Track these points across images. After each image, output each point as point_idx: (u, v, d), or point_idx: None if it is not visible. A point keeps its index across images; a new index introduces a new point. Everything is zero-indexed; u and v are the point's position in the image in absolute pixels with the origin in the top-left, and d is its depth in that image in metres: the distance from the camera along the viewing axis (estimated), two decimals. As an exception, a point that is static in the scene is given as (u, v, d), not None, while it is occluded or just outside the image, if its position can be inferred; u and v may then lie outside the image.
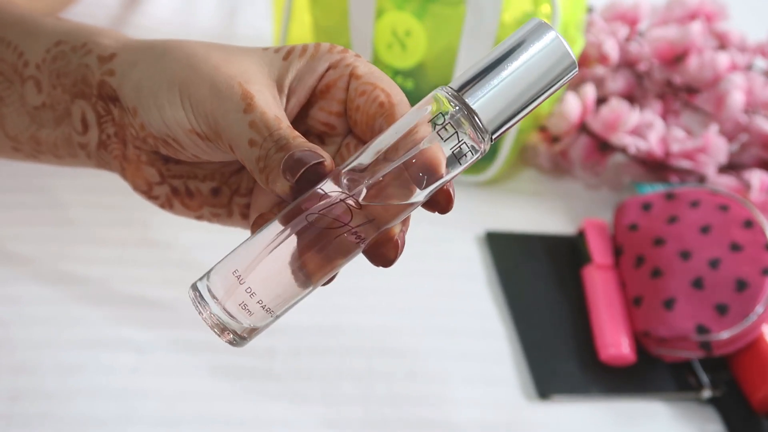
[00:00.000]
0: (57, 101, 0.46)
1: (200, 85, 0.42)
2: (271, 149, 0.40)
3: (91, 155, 0.47)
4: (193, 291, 0.40)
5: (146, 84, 0.43)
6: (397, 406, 0.62)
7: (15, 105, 0.48)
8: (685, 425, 0.66)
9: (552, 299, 0.73)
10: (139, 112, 0.43)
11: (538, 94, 0.38)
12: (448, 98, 0.38)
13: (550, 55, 0.37)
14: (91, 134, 0.46)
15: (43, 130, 0.47)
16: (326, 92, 0.43)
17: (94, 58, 0.45)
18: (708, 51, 0.86)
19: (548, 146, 0.85)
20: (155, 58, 0.43)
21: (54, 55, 0.46)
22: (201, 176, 0.47)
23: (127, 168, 0.46)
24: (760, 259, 0.69)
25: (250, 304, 0.39)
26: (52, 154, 0.49)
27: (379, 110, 0.42)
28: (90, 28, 0.47)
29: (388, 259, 0.40)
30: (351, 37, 0.77)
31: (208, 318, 0.40)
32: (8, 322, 0.61)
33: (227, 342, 0.40)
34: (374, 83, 0.42)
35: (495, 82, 0.37)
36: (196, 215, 0.48)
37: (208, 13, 0.97)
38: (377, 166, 0.38)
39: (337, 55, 0.43)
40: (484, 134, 0.38)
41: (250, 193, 0.48)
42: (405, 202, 0.39)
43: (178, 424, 0.58)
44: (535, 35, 0.38)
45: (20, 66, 0.47)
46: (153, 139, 0.44)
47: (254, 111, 0.40)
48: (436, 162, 0.38)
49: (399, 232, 0.40)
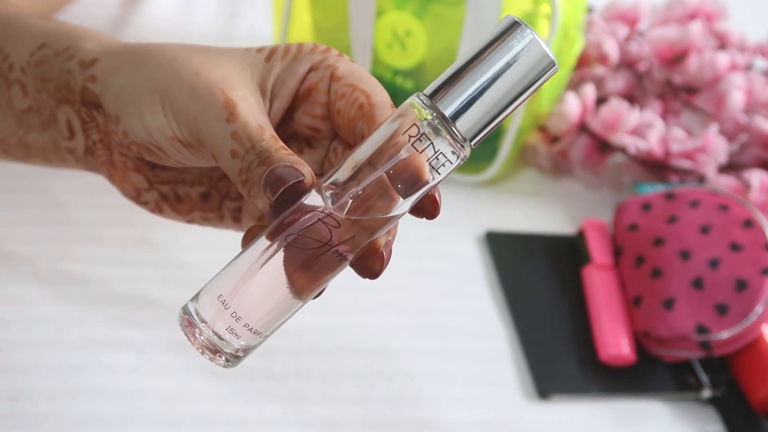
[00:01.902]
0: (42, 106, 0.46)
1: (181, 91, 0.41)
2: (253, 162, 0.39)
3: (80, 160, 0.47)
4: (183, 314, 0.40)
5: (127, 91, 0.42)
6: (397, 406, 0.62)
7: (2, 108, 0.47)
8: (685, 425, 0.66)
9: (552, 299, 0.73)
10: (121, 119, 0.43)
11: (516, 97, 0.37)
12: (423, 106, 0.37)
13: (527, 54, 0.36)
14: (78, 140, 0.46)
15: (30, 134, 0.47)
16: (308, 95, 0.43)
17: (76, 64, 0.44)
18: (708, 51, 0.86)
19: (548, 146, 0.85)
20: (136, 64, 0.43)
21: (38, 59, 0.46)
22: (189, 181, 0.46)
23: (115, 174, 0.46)
24: (760, 259, 0.69)
25: (237, 328, 0.39)
26: (41, 157, 0.48)
27: (359, 113, 0.41)
28: (74, 30, 0.46)
29: (373, 272, 0.39)
30: (351, 37, 0.77)
31: (198, 342, 0.39)
32: (8, 322, 0.61)
33: (219, 364, 0.40)
34: (354, 84, 0.41)
35: (470, 86, 0.36)
36: (186, 219, 0.48)
37: (208, 13, 0.96)
38: (358, 178, 0.37)
39: (318, 55, 0.42)
40: (463, 142, 0.37)
41: (240, 197, 0.47)
42: (388, 215, 0.38)
43: (178, 424, 0.58)
44: (511, 35, 0.36)
45: (5, 69, 0.47)
46: (136, 147, 0.43)
47: (236, 120, 0.39)
48: (418, 171, 0.37)
49: (384, 243, 0.39)
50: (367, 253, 0.39)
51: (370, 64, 0.77)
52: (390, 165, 0.37)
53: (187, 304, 0.40)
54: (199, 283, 0.67)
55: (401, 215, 0.38)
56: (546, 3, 0.74)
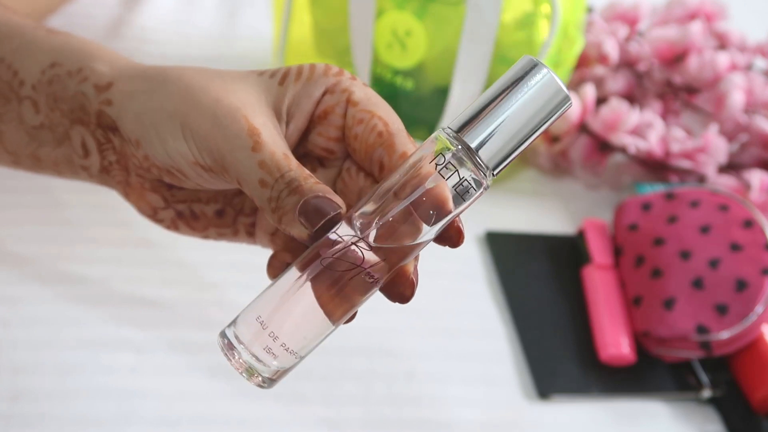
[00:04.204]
0: (56, 123, 0.46)
1: (203, 118, 0.41)
2: (283, 191, 0.40)
3: (94, 176, 0.47)
4: (222, 338, 0.42)
5: (147, 117, 0.43)
6: (397, 406, 0.62)
7: (13, 122, 0.47)
8: (685, 425, 0.66)
9: (552, 299, 0.73)
10: (143, 144, 0.43)
11: (534, 129, 0.39)
12: (449, 139, 0.39)
13: (544, 91, 0.39)
14: (93, 159, 0.46)
15: (43, 148, 0.47)
16: (324, 118, 0.43)
17: (91, 87, 0.45)
18: (708, 51, 0.86)
19: (548, 146, 0.85)
20: (154, 89, 0.43)
21: (49, 78, 0.46)
22: (205, 199, 0.47)
23: (131, 194, 0.46)
24: (760, 259, 0.69)
25: (274, 347, 0.41)
26: (53, 170, 0.48)
27: (378, 140, 0.42)
28: (84, 48, 0.46)
29: (404, 297, 0.42)
30: (351, 37, 0.77)
31: (236, 363, 0.41)
32: (8, 322, 0.61)
33: (256, 385, 0.42)
34: (371, 111, 0.42)
35: (493, 121, 0.39)
36: (202, 235, 0.48)
37: (208, 13, 0.97)
38: (385, 207, 0.39)
39: (332, 78, 0.43)
40: (486, 171, 0.40)
41: (254, 212, 0.48)
42: (415, 242, 0.40)
43: (177, 424, 0.58)
44: (529, 72, 0.39)
45: (15, 85, 0.46)
46: (157, 170, 0.44)
47: (263, 150, 0.40)
48: (443, 199, 0.39)
49: (413, 270, 0.41)
50: (398, 280, 0.41)
51: (370, 64, 0.77)
52: (416, 195, 0.39)
53: (224, 330, 0.42)
54: (198, 283, 0.67)
55: (428, 242, 0.41)
56: (546, 3, 0.74)
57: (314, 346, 0.42)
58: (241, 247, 0.51)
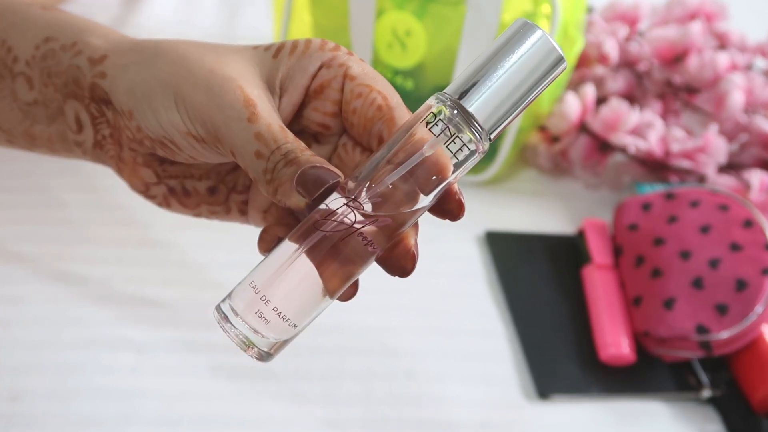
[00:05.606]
0: (49, 99, 0.46)
1: (195, 88, 0.41)
2: (279, 162, 0.40)
3: (87, 152, 0.47)
4: (217, 312, 0.41)
5: (140, 87, 0.42)
6: (397, 406, 0.62)
7: (7, 99, 0.47)
8: (685, 425, 0.66)
9: (552, 299, 0.73)
10: (135, 114, 0.43)
11: (530, 91, 0.39)
12: (444, 103, 0.39)
13: (538, 52, 0.38)
14: (86, 134, 0.46)
15: (36, 125, 0.47)
16: (320, 92, 0.43)
17: (85, 60, 0.45)
18: (708, 51, 0.86)
19: (548, 146, 0.85)
20: (147, 61, 0.43)
21: (43, 53, 0.46)
22: (197, 175, 0.47)
23: (123, 169, 0.46)
24: (760, 259, 0.69)
25: (266, 312, 0.40)
26: (46, 148, 0.48)
27: (377, 114, 0.41)
28: (79, 23, 0.47)
29: (405, 270, 0.41)
30: (351, 36, 0.77)
31: (233, 335, 0.41)
32: (8, 322, 0.61)
33: (253, 356, 0.41)
34: (370, 85, 0.42)
35: (488, 83, 0.39)
36: (194, 213, 0.48)
37: (208, 13, 0.97)
38: (381, 175, 0.39)
39: (329, 53, 0.43)
40: (483, 134, 0.39)
41: (247, 190, 0.47)
42: (412, 209, 0.39)
43: (177, 424, 0.58)
44: (523, 34, 0.39)
45: (9, 61, 0.46)
46: (150, 141, 0.44)
47: (259, 121, 0.40)
48: (442, 166, 0.39)
49: (413, 243, 0.41)
50: (399, 252, 0.41)
51: (370, 63, 0.77)
52: (417, 159, 0.38)
53: (219, 303, 0.41)
54: (198, 283, 0.67)
55: (426, 208, 0.40)
56: (546, 3, 0.74)
57: (310, 318, 0.41)
58: (242, 247, 0.51)
